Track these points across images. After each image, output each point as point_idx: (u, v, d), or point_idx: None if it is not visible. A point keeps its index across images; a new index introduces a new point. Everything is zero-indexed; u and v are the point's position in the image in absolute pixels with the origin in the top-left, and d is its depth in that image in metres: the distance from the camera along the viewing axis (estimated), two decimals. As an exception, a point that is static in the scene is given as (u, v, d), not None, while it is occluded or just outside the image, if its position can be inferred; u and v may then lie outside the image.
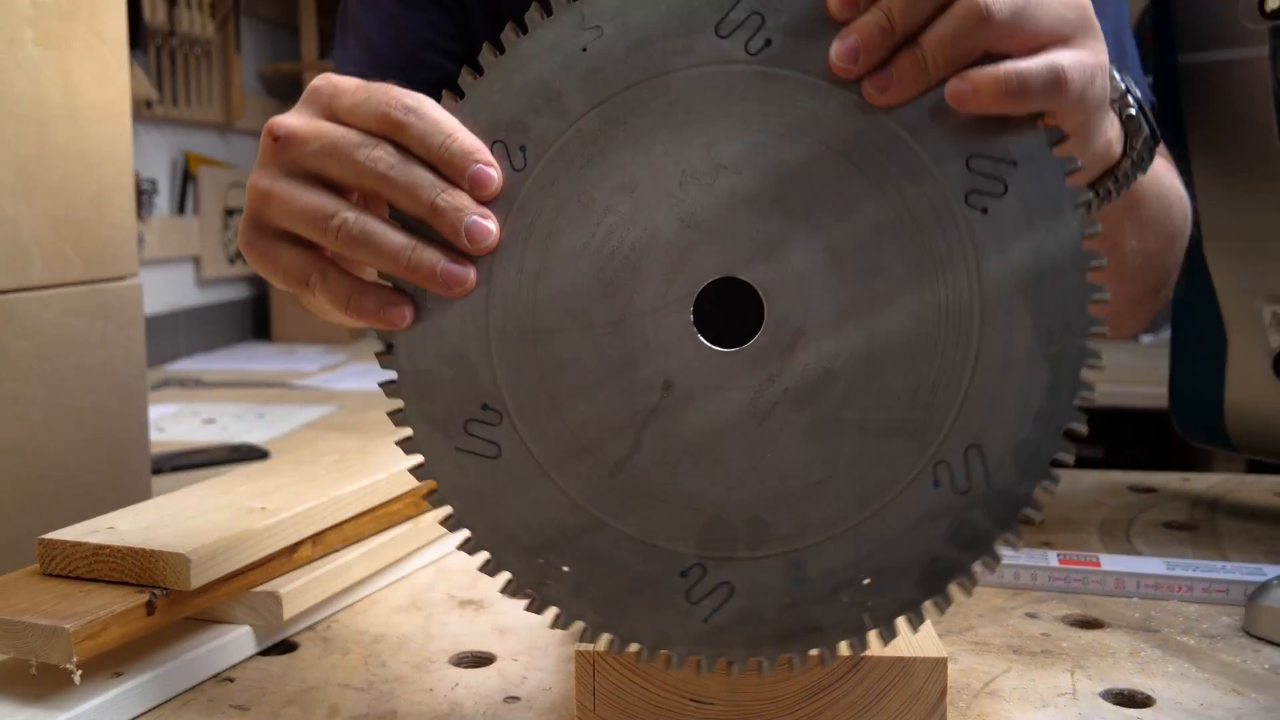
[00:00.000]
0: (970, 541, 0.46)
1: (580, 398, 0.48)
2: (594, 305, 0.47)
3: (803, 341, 0.46)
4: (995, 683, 0.57)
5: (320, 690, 0.57)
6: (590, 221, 0.47)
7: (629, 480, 0.48)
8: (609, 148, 0.47)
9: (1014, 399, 0.45)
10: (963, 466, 0.46)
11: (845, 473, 0.47)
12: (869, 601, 0.47)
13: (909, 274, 0.46)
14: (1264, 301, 0.80)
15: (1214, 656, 0.61)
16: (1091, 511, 0.88)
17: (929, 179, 0.45)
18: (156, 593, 0.56)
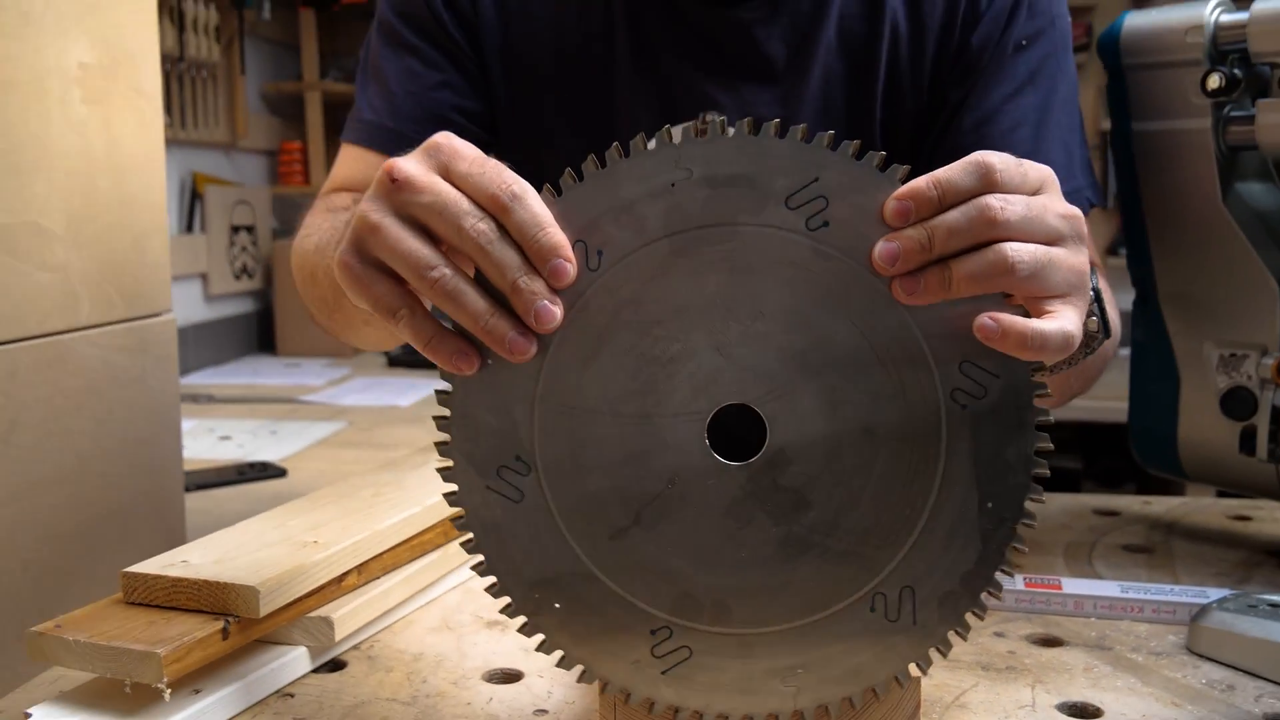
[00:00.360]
0: (890, 660, 0.56)
1: (599, 471, 0.56)
2: (628, 399, 0.55)
3: (791, 470, 0.55)
4: (965, 696, 0.66)
5: (371, 704, 0.65)
6: (641, 328, 0.55)
7: (624, 547, 0.56)
8: (672, 271, 0.54)
9: (949, 559, 0.55)
10: (896, 601, 0.55)
11: (801, 583, 0.56)
12: (800, 687, 0.56)
13: (890, 438, 0.54)
14: (1212, 346, 0.89)
15: (1158, 672, 0.69)
16: (1058, 535, 0.96)
17: (926, 371, 0.54)
18: (230, 620, 0.63)
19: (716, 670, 0.57)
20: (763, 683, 0.57)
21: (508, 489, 0.56)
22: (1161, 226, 0.90)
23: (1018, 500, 0.54)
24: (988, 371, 0.53)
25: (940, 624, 0.56)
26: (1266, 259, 0.85)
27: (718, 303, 0.55)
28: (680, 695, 0.57)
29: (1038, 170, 0.55)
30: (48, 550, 0.98)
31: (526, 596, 0.57)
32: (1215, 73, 0.82)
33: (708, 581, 0.56)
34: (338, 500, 0.81)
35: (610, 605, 0.57)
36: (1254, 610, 0.71)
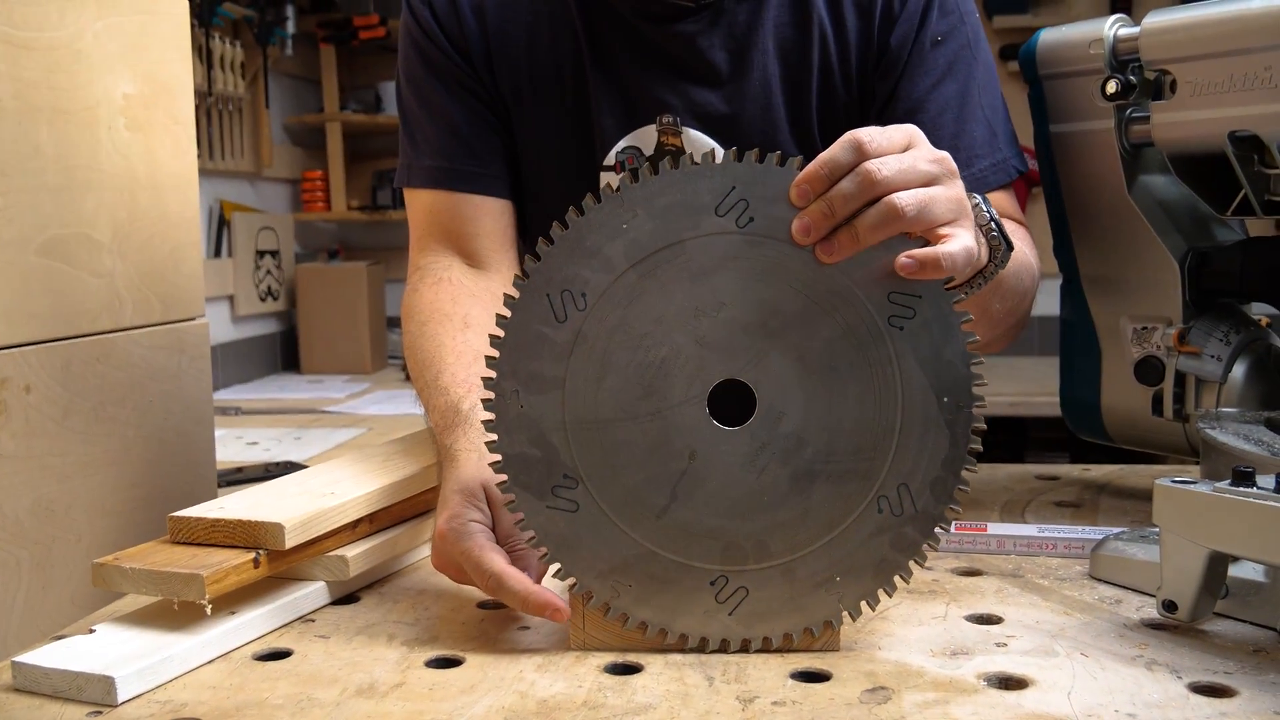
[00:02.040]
0: (906, 547, 0.68)
1: (632, 466, 0.69)
2: (638, 402, 0.68)
3: (783, 420, 0.68)
4: (888, 611, 0.76)
5: (380, 625, 0.77)
6: (632, 344, 0.68)
7: (669, 521, 0.69)
8: (644, 293, 0.67)
9: (928, 451, 0.68)
10: (897, 498, 0.68)
11: (818, 506, 0.68)
12: (841, 592, 0.69)
13: (853, 370, 0.67)
14: (1127, 321, 0.99)
15: (1059, 592, 0.80)
16: (998, 495, 1.07)
17: (862, 306, 0.67)
18: (260, 552, 0.75)
19: (771, 599, 0.69)
20: (811, 597, 0.69)
21: (564, 504, 0.69)
22: (1080, 216, 1.01)
23: (966, 388, 0.67)
24: (911, 294, 0.66)
25: (937, 505, 0.68)
26: (1168, 243, 0.96)
27: (686, 305, 0.67)
28: (749, 627, 0.70)
29: (902, 131, 0.69)
30: (98, 526, 1.10)
31: (604, 585, 0.70)
32: (1113, 79, 0.93)
33: (744, 529, 0.69)
34: (353, 464, 0.93)
35: (672, 572, 0.69)
36: (1145, 540, 0.81)
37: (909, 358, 0.67)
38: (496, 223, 1.09)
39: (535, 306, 0.68)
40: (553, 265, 0.68)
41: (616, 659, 0.69)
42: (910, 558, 0.68)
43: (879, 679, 0.65)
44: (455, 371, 0.91)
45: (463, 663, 0.70)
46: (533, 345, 0.68)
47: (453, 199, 1.08)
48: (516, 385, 0.68)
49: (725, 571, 0.69)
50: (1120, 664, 0.67)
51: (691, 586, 0.69)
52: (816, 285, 0.67)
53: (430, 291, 1.03)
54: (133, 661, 0.67)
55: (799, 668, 0.67)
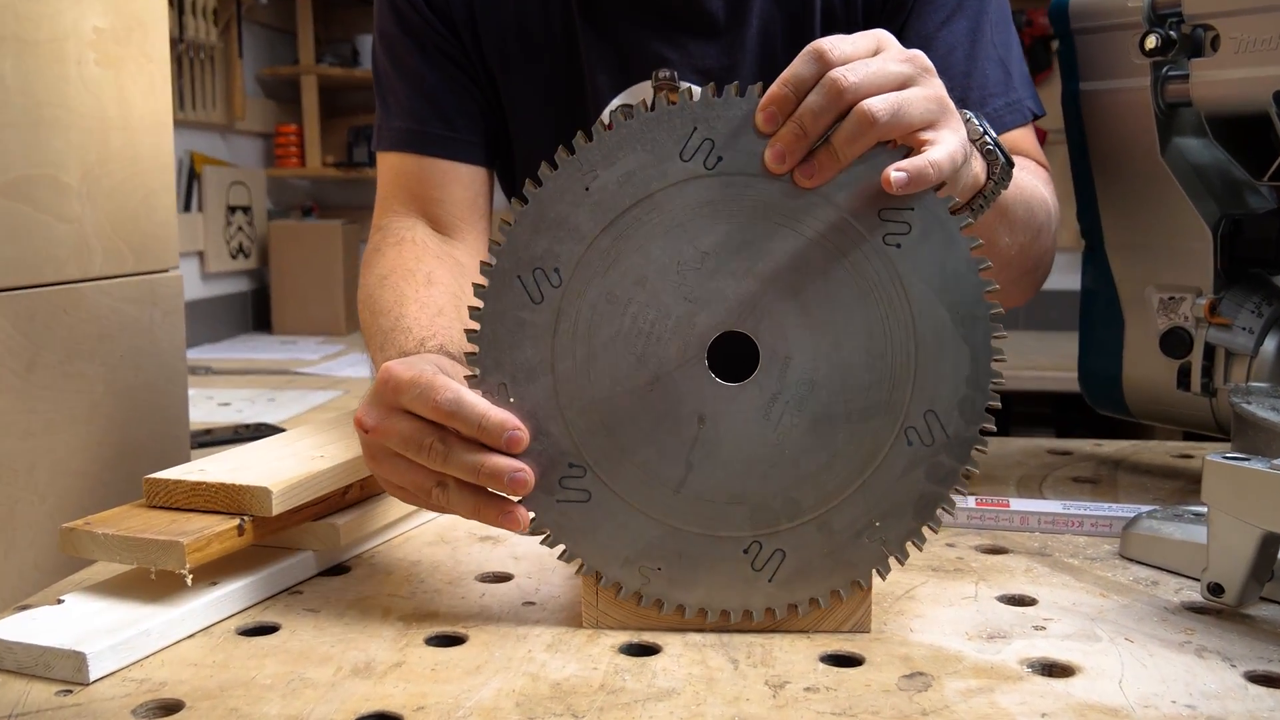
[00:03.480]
0: (944, 477, 0.64)
1: (640, 442, 0.64)
2: (634, 373, 0.63)
3: (790, 365, 0.63)
4: (915, 590, 0.72)
5: (374, 599, 0.71)
6: (617, 313, 0.63)
7: (689, 494, 0.64)
8: (620, 256, 0.62)
9: (949, 372, 0.62)
10: (925, 427, 0.63)
11: (844, 451, 0.63)
12: (883, 536, 0.64)
13: (855, 300, 0.62)
14: (1153, 290, 0.95)
15: (1091, 572, 0.76)
16: (1012, 470, 1.03)
17: (854, 231, 0.62)
18: (245, 518, 0.70)
19: (810, 556, 0.64)
20: (852, 547, 0.64)
21: (575, 494, 0.64)
22: (1107, 180, 0.97)
23: (978, 297, 0.62)
24: (902, 208, 0.62)
25: (969, 427, 0.63)
26: (1201, 208, 0.92)
27: (667, 262, 0.62)
28: (793, 592, 0.65)
29: (867, 35, 0.64)
30: (63, 486, 1.04)
31: (631, 574, 0.65)
32: (1153, 34, 0.89)
33: (769, 488, 0.64)
34: (341, 426, 0.87)
35: (701, 547, 0.64)
36: (1179, 518, 0.77)
37: (912, 276, 0.62)
38: (466, 190, 1.04)
39: (508, 292, 0.63)
40: (519, 245, 0.63)
41: (632, 638, 0.65)
42: (950, 487, 0.64)
43: (915, 664, 0.61)
44: (419, 318, 0.86)
45: (465, 640, 0.65)
46: (513, 333, 0.63)
47: (420, 163, 1.03)
48: (502, 378, 0.64)
49: (758, 536, 0.64)
50: (1169, 650, 0.63)
51: (724, 558, 0.64)
52: (801, 217, 0.62)
53: (393, 250, 0.98)
54: (106, 636, 0.61)
55: (829, 650, 0.63)
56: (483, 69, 1.03)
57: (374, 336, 0.88)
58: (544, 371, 0.63)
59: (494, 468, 0.63)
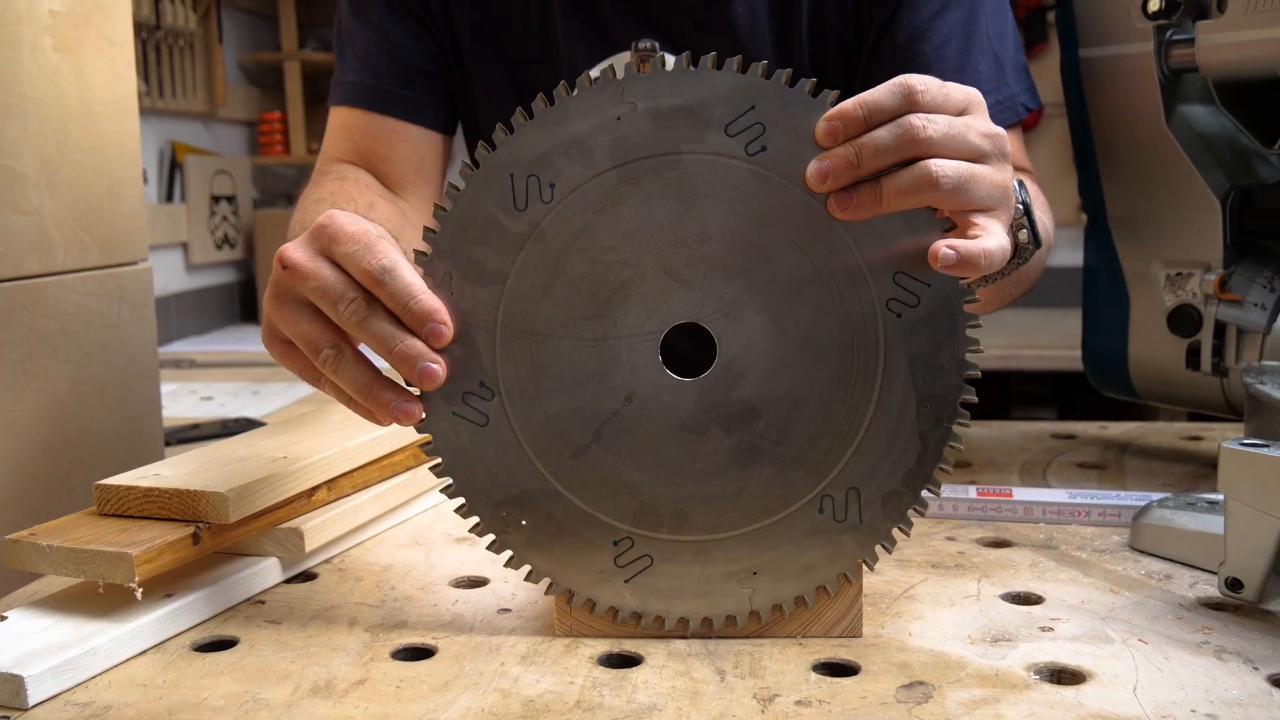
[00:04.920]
0: (838, 558, 0.60)
1: (560, 392, 0.59)
2: (585, 322, 0.59)
3: (741, 383, 0.59)
4: (913, 589, 0.68)
5: (340, 608, 0.67)
6: (594, 255, 0.58)
7: (586, 464, 0.60)
8: (622, 200, 0.58)
9: (891, 460, 0.59)
10: (844, 502, 0.59)
11: (754, 489, 0.59)
12: (754, 588, 0.60)
13: (833, 351, 0.58)
14: (1159, 266, 0.91)
15: (1100, 566, 0.72)
16: (1015, 455, 0.99)
17: (863, 283, 0.58)
18: (200, 526, 0.66)
19: (676, 576, 0.61)
20: (720, 586, 0.60)
21: (473, 414, 0.60)
22: (1109, 151, 0.93)
23: (952, 401, 0.58)
24: (920, 281, 0.57)
25: (885, 521, 0.59)
26: (1209, 179, 0.87)
27: (665, 228, 0.58)
28: (643, 601, 0.61)
29: (962, 92, 0.58)
30: (25, 489, 1.00)
31: (494, 515, 0.61)
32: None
33: (666, 492, 0.60)
34: (309, 424, 0.83)
35: (574, 520, 0.60)
36: (1193, 507, 0.73)
37: (898, 351, 0.58)
38: (415, 152, 1.01)
39: (494, 185, 0.58)
40: (525, 143, 0.58)
41: (611, 648, 0.61)
42: (839, 570, 0.60)
43: (914, 672, 0.57)
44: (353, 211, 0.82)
45: (434, 653, 0.61)
46: (481, 228, 0.59)
47: (370, 119, 1.00)
48: (451, 269, 0.59)
49: (633, 534, 0.60)
50: (1185, 652, 0.59)
51: (590, 541, 0.60)
52: (816, 244, 0.57)
53: (332, 182, 0.94)
54: (48, 656, 0.57)
55: (821, 658, 0.59)
56: (449, 32, 1.00)
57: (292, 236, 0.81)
58: (496, 280, 0.59)
59: (408, 349, 0.57)
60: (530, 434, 0.60)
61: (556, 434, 0.60)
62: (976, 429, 1.09)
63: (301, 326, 0.60)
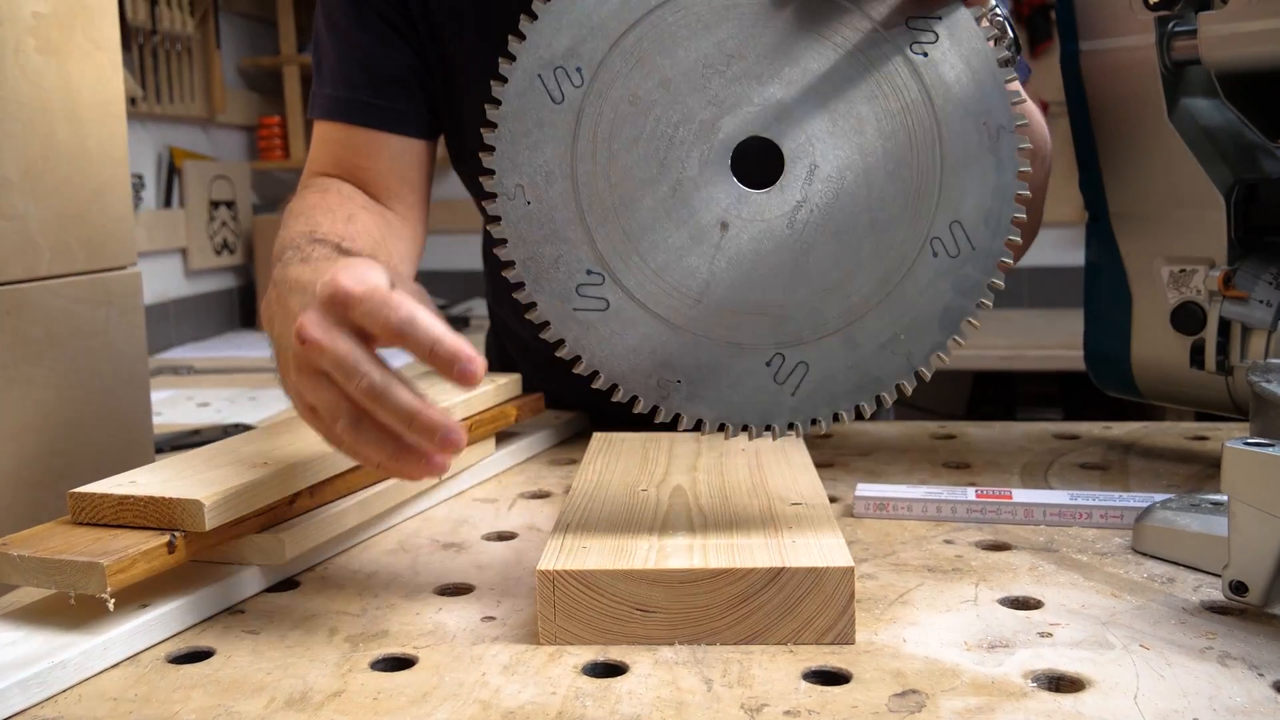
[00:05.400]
0: (969, 289, 0.63)
1: (660, 249, 0.63)
2: (656, 177, 0.62)
3: (815, 173, 0.63)
4: (908, 594, 0.66)
5: (321, 617, 0.66)
6: (639, 116, 0.62)
7: (711, 303, 0.63)
8: (644, 57, 0.62)
9: (975, 183, 0.62)
10: (951, 238, 0.63)
11: (868, 262, 0.63)
12: (908, 349, 0.64)
13: (881, 110, 0.62)
14: (1163, 262, 0.89)
15: (1101, 569, 0.70)
16: (1016, 457, 0.97)
17: (882, 40, 0.62)
18: (176, 534, 0.64)
19: (834, 369, 0.64)
20: (876, 362, 0.64)
21: (593, 303, 0.63)
22: (1111, 146, 0.91)
23: (1004, 108, 0.62)
24: (929, 17, 0.62)
25: (994, 239, 0.63)
26: (1212, 173, 0.85)
27: (693, 64, 0.62)
28: (815, 406, 0.64)
29: None
30: (11, 499, 0.98)
31: (651, 387, 0.64)
32: (1157, -15, 0.82)
33: (792, 299, 0.63)
34: (294, 429, 0.81)
35: (722, 358, 0.63)
36: (1196, 509, 0.71)
37: (939, 86, 0.62)
38: (395, 161, 0.99)
39: (529, 91, 0.62)
40: (540, 41, 0.61)
41: (597, 656, 0.59)
42: (975, 300, 0.63)
43: (908, 680, 0.55)
44: (333, 227, 0.83)
45: (415, 663, 0.59)
46: (531, 134, 0.62)
47: (348, 131, 0.99)
48: (519, 179, 0.62)
49: (781, 348, 0.63)
50: (1188, 658, 0.57)
51: (746, 370, 0.64)
52: (832, 25, 0.62)
53: (315, 194, 0.93)
54: (15, 670, 0.56)
55: (812, 666, 0.57)
56: (429, 33, 0.98)
57: (277, 258, 0.79)
58: (563, 175, 0.62)
59: (428, 422, 0.58)
60: (650, 298, 0.63)
61: (673, 287, 0.63)
62: (977, 430, 1.07)
63: (317, 394, 0.61)
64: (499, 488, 0.92)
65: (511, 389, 1.00)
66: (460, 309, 3.01)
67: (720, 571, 0.59)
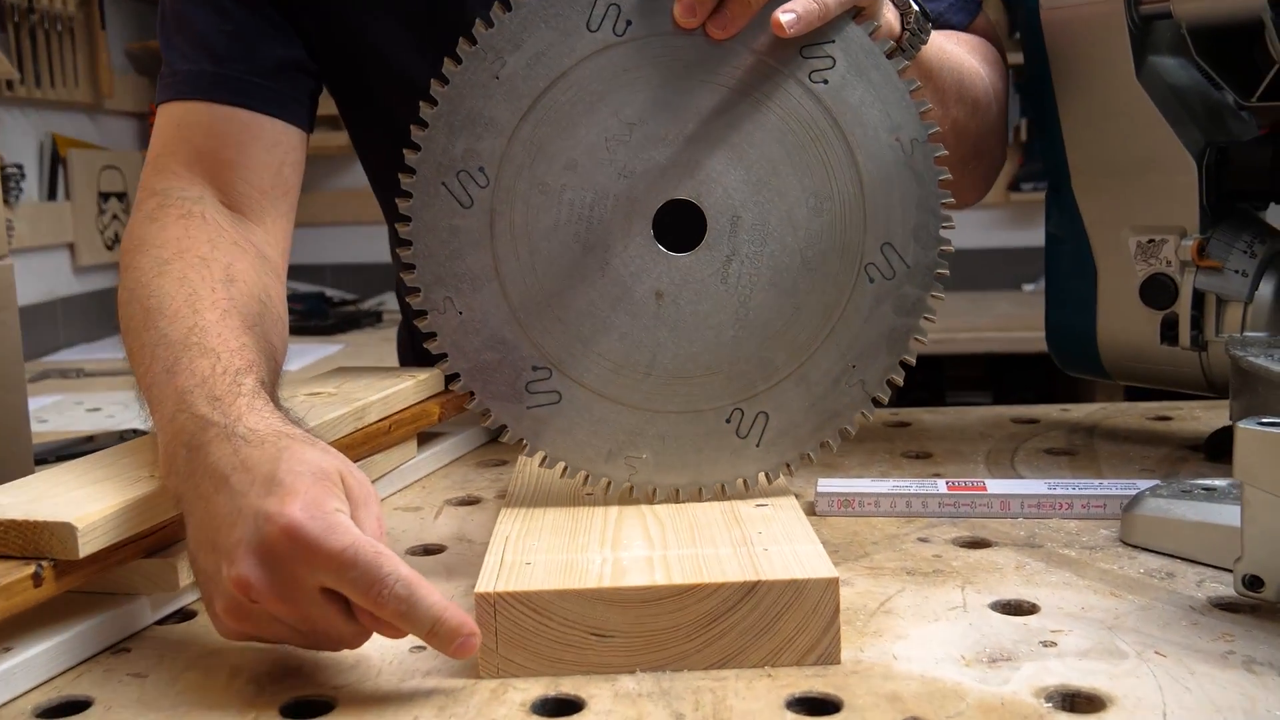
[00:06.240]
0: (910, 307, 0.63)
1: (600, 331, 0.62)
2: (582, 261, 0.62)
3: (739, 224, 0.62)
4: (890, 602, 0.59)
5: (221, 654, 0.56)
6: (552, 203, 0.61)
7: (661, 373, 0.63)
8: (545, 143, 0.61)
9: (897, 201, 0.62)
10: (884, 260, 0.62)
11: (808, 300, 0.63)
12: (860, 378, 0.63)
13: (793, 146, 0.61)
14: (1130, 233, 0.84)
15: (1094, 565, 0.64)
16: (978, 444, 0.91)
17: (777, 74, 0.61)
18: (43, 564, 0.54)
19: (793, 412, 0.64)
20: (833, 397, 0.64)
21: (544, 397, 0.63)
22: (1073, 110, 0.85)
23: (914, 119, 0.61)
24: (823, 42, 0.61)
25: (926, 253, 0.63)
26: (1184, 136, 0.80)
27: (594, 139, 0.61)
28: (781, 453, 0.64)
29: None
30: None
31: (617, 466, 0.63)
32: (1125, -67, 0.77)
33: (740, 352, 0.63)
34: (185, 436, 0.71)
35: (683, 425, 0.63)
36: (1188, 495, 0.66)
37: (845, 112, 0.61)
38: (270, 154, 0.81)
39: (434, 201, 0.61)
40: (436, 149, 0.61)
41: (548, 690, 0.51)
42: (917, 317, 0.63)
43: (906, 704, 0.48)
44: (223, 334, 0.65)
45: (333, 707, 0.50)
46: (447, 243, 0.61)
47: (213, 114, 0.80)
48: (446, 292, 0.62)
49: (738, 403, 0.63)
50: (1210, 665, 0.51)
51: (708, 431, 0.64)
52: (721, 69, 0.61)
53: (177, 226, 0.75)
54: None
55: (796, 692, 0.50)
56: (319, 9, 0.85)
57: (153, 349, 0.65)
58: (489, 278, 0.62)
59: (449, 629, 0.49)
60: (600, 382, 0.62)
61: (621, 366, 0.62)
62: (930, 417, 1.01)
63: (270, 632, 0.53)
64: (423, 494, 0.83)
65: (433, 384, 0.91)
66: (371, 303, 2.89)
67: (686, 588, 0.52)
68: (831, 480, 0.76)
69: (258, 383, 0.62)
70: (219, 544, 0.52)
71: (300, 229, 0.89)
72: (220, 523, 0.52)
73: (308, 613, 0.51)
